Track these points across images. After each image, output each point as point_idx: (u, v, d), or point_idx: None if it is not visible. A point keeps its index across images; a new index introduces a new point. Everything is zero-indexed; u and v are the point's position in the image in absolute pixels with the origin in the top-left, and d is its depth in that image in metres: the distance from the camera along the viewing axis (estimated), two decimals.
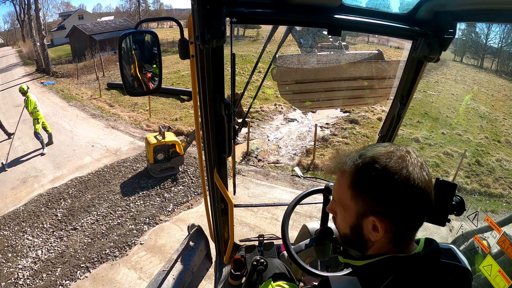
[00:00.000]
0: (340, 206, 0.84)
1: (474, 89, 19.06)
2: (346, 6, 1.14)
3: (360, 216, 0.78)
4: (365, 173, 0.75)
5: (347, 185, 0.78)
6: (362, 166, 0.75)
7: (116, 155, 8.25)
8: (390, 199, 0.73)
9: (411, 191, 0.72)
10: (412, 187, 0.72)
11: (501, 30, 26.98)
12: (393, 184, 0.72)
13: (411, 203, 0.73)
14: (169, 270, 1.95)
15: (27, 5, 22.30)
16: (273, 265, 1.55)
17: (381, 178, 0.73)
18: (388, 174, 0.72)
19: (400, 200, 0.73)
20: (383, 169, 0.73)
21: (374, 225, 0.76)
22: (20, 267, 4.72)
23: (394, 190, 0.72)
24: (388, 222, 0.74)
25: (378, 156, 0.75)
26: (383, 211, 0.74)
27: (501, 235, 1.92)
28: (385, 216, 0.74)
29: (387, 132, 1.73)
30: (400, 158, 0.74)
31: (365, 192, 0.75)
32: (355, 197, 0.77)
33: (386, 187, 0.73)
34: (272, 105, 12.60)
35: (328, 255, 1.57)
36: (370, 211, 0.76)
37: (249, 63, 18.82)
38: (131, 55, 1.26)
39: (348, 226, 0.83)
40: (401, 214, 0.74)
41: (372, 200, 0.75)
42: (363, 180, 0.75)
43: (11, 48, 36.64)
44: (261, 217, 5.70)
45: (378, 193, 0.74)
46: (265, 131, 10.55)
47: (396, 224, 0.75)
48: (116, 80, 16.34)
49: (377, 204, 0.74)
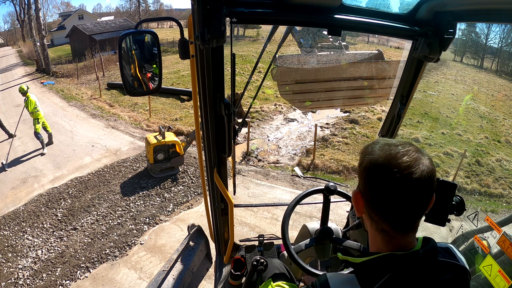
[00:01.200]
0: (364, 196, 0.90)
1: (474, 89, 19.05)
2: (346, 6, 1.14)
3: None
4: (368, 173, 0.81)
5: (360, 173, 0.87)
6: (365, 168, 0.81)
7: (116, 155, 8.25)
8: (381, 194, 0.77)
9: (400, 190, 0.75)
10: (402, 187, 0.75)
11: (501, 30, 26.98)
12: (388, 182, 0.75)
13: (399, 201, 0.76)
14: (169, 270, 1.95)
15: (27, 5, 22.29)
16: (273, 265, 1.55)
17: (380, 175, 0.77)
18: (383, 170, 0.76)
19: (389, 197, 0.76)
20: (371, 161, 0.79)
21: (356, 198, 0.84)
22: (20, 267, 4.72)
23: (386, 187, 0.76)
24: (362, 196, 0.82)
25: (376, 160, 0.78)
26: (363, 189, 0.82)
27: (501, 235, 1.92)
28: (362, 193, 0.82)
29: (387, 132, 1.73)
30: (406, 157, 0.77)
31: (367, 183, 0.81)
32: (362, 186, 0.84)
33: (377, 181, 0.77)
34: (272, 105, 12.60)
35: (328, 255, 1.57)
36: (358, 187, 0.84)
37: (249, 63, 18.82)
38: (131, 55, 1.26)
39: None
40: (390, 209, 0.78)
41: (367, 185, 0.80)
42: (367, 177, 0.81)
43: (11, 48, 36.63)
44: (261, 217, 5.70)
45: (373, 187, 0.79)
46: (265, 131, 10.54)
47: (393, 222, 0.78)
48: (116, 80, 16.34)
49: (371, 194, 0.79)
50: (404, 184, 0.73)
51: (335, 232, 1.55)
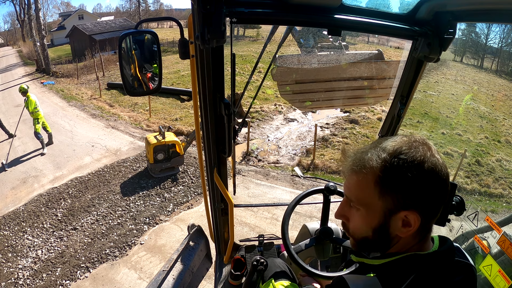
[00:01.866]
0: (360, 207, 0.79)
1: (474, 89, 19.05)
2: (346, 6, 1.14)
3: (389, 213, 0.74)
4: (394, 166, 0.71)
5: (372, 182, 0.74)
6: (390, 160, 0.72)
7: (116, 155, 8.25)
8: (420, 191, 0.71)
9: (437, 179, 0.72)
10: (438, 175, 0.72)
11: (501, 30, 26.98)
12: (422, 174, 0.71)
13: (437, 191, 0.73)
14: (169, 270, 1.95)
15: (27, 5, 22.30)
16: (274, 264, 1.55)
17: (411, 170, 0.70)
18: (417, 165, 0.71)
19: (428, 190, 0.72)
20: (412, 161, 0.71)
21: (404, 220, 0.74)
22: (20, 267, 4.72)
23: (423, 181, 0.71)
24: (419, 214, 0.73)
25: (402, 148, 0.73)
26: (414, 203, 0.72)
27: (501, 235, 1.92)
28: (416, 209, 0.72)
29: (387, 132, 1.73)
30: (423, 146, 0.73)
31: (395, 187, 0.72)
32: (384, 194, 0.73)
33: (416, 179, 0.70)
34: (272, 105, 12.60)
35: (328, 255, 1.57)
36: (401, 206, 0.73)
37: (249, 63, 18.82)
38: (131, 55, 1.26)
39: (370, 228, 0.78)
40: (429, 204, 0.73)
41: (403, 194, 0.72)
42: (392, 174, 0.72)
43: (11, 48, 36.62)
44: (261, 217, 5.70)
45: (409, 186, 0.71)
46: (265, 131, 10.54)
47: (424, 215, 0.74)
48: (116, 80, 16.34)
49: (409, 198, 0.72)
50: (442, 181, 0.73)
51: (335, 232, 1.55)
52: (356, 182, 0.77)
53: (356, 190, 0.78)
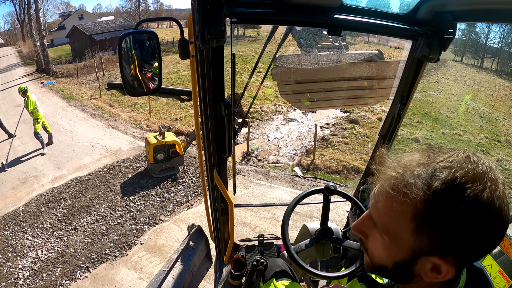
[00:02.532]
0: (386, 235, 0.63)
1: (474, 89, 19.06)
2: (346, 6, 1.14)
3: (419, 253, 0.59)
4: (445, 204, 0.54)
5: (411, 215, 0.57)
6: (442, 193, 0.54)
7: (116, 155, 8.25)
8: (470, 238, 0.54)
9: (496, 226, 0.55)
10: (498, 222, 0.55)
11: (501, 30, 27.02)
12: (479, 219, 0.53)
13: (490, 240, 0.56)
14: (169, 270, 1.95)
15: (27, 5, 22.30)
16: (275, 264, 1.55)
17: (467, 211, 0.52)
18: (478, 206, 0.52)
19: (481, 238, 0.55)
20: (473, 200, 0.52)
21: (435, 265, 0.58)
22: (20, 267, 4.72)
23: (478, 227, 0.53)
24: (457, 262, 0.58)
25: (464, 178, 0.54)
26: (455, 251, 0.56)
27: None
28: (455, 257, 0.56)
29: (387, 132, 1.73)
30: (493, 182, 0.55)
31: (439, 227, 0.55)
32: (421, 232, 0.57)
33: (469, 223, 0.53)
34: (272, 105, 12.60)
35: (328, 255, 1.57)
36: (437, 251, 0.57)
37: (249, 63, 18.81)
38: (131, 55, 1.26)
39: (391, 259, 0.64)
40: (474, 253, 0.57)
41: (445, 238, 0.55)
42: (441, 212, 0.54)
43: (11, 48, 36.63)
44: (261, 217, 5.70)
45: (459, 231, 0.54)
46: (265, 131, 10.54)
47: (461, 263, 0.58)
48: (116, 80, 16.34)
49: (451, 244, 0.55)
50: (500, 229, 0.57)
51: (335, 232, 1.55)
52: (389, 208, 0.60)
53: (386, 217, 0.62)
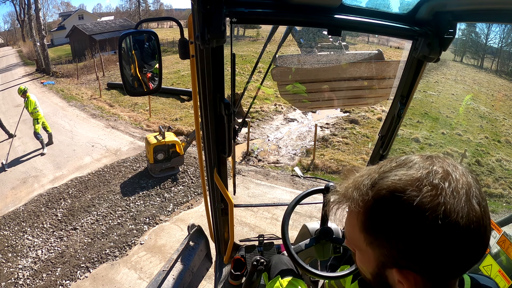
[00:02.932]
0: (355, 248, 0.63)
1: (474, 89, 19.05)
2: (346, 6, 1.14)
3: (382, 265, 0.58)
4: (381, 214, 0.53)
5: (358, 227, 0.57)
6: (376, 204, 0.53)
7: (116, 155, 8.25)
8: (421, 251, 0.51)
9: (454, 237, 0.50)
10: (454, 231, 0.50)
11: (501, 30, 27.02)
12: (423, 230, 0.50)
13: (454, 251, 0.51)
14: (169, 270, 1.95)
15: (27, 5, 22.32)
16: (281, 261, 1.55)
17: (405, 222, 0.50)
18: (415, 215, 0.50)
19: (436, 251, 0.51)
20: (407, 209, 0.50)
21: (399, 279, 0.56)
22: (20, 267, 4.72)
23: (426, 239, 0.50)
24: (419, 276, 0.54)
25: (401, 188, 0.52)
26: (411, 265, 0.53)
27: (501, 235, 1.92)
28: (414, 270, 0.54)
29: (387, 132, 1.73)
30: (434, 188, 0.51)
31: (383, 240, 0.54)
32: (371, 244, 0.56)
33: (413, 235, 0.50)
34: (272, 105, 12.60)
35: (328, 255, 1.57)
36: (392, 263, 0.55)
37: (249, 63, 18.81)
38: (131, 55, 1.26)
39: (368, 272, 0.63)
40: (438, 266, 0.52)
41: (394, 251, 0.53)
42: (378, 223, 0.53)
43: (11, 48, 36.63)
44: (261, 217, 5.70)
45: (402, 244, 0.52)
46: (265, 131, 10.54)
47: (431, 278, 0.54)
48: (116, 80, 16.34)
49: (402, 258, 0.53)
50: (466, 239, 0.53)
51: (335, 232, 1.55)
52: (347, 223, 0.61)
53: (347, 229, 0.62)
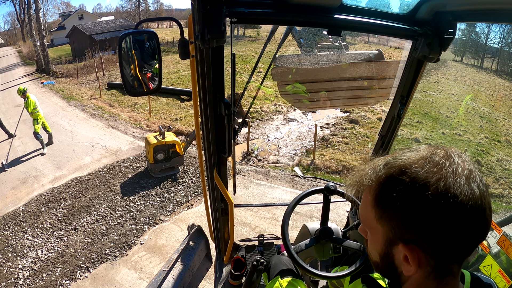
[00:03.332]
0: (366, 227, 0.68)
1: (474, 89, 19.05)
2: (346, 6, 1.14)
3: (389, 242, 0.62)
4: (390, 188, 0.58)
5: (370, 203, 0.63)
6: (386, 179, 0.59)
7: (116, 155, 8.25)
8: (423, 223, 0.56)
9: (453, 211, 0.55)
10: (453, 206, 0.54)
11: (501, 30, 27.00)
12: (425, 201, 0.55)
13: (453, 227, 0.55)
14: (169, 270, 1.95)
15: (27, 5, 22.30)
16: (280, 262, 1.55)
17: (409, 194, 0.56)
18: (418, 188, 0.55)
19: (437, 224, 0.55)
20: (411, 182, 0.56)
21: (405, 256, 0.60)
22: (20, 267, 4.72)
23: (427, 210, 0.55)
24: (423, 253, 0.58)
25: (408, 165, 0.58)
26: (415, 238, 0.58)
27: (501, 235, 1.92)
28: (418, 245, 0.58)
29: (387, 132, 1.73)
30: (436, 165, 0.57)
31: (391, 212, 0.59)
32: (380, 219, 0.61)
33: (416, 206, 0.56)
34: (272, 105, 12.60)
35: (328, 255, 1.57)
36: (399, 238, 0.59)
37: (249, 63, 18.81)
38: (131, 55, 1.26)
39: (377, 253, 0.67)
40: (440, 242, 0.57)
41: (400, 223, 0.58)
42: (387, 197, 0.59)
43: (11, 48, 36.62)
44: (261, 217, 5.70)
45: (407, 215, 0.57)
46: (265, 131, 10.54)
47: (434, 255, 0.58)
48: (116, 80, 16.34)
49: (407, 229, 0.58)
50: (467, 217, 0.58)
51: (335, 232, 1.54)
52: (362, 199, 0.67)
53: (361, 210, 0.68)
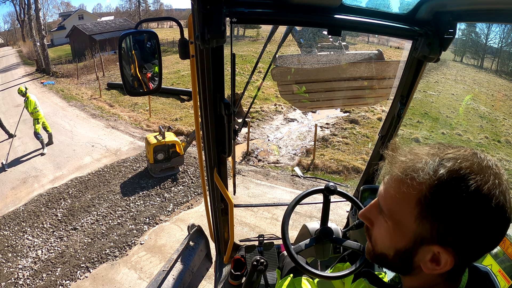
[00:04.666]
0: (390, 220, 0.65)
1: (474, 89, 19.06)
2: (346, 6, 1.14)
3: (420, 241, 0.61)
4: (449, 191, 0.56)
5: (416, 199, 0.59)
6: (447, 180, 0.56)
7: (116, 155, 8.25)
8: (472, 230, 0.56)
9: (499, 222, 0.56)
10: (502, 218, 0.56)
11: (501, 30, 27.03)
12: (483, 211, 0.54)
13: (490, 236, 0.57)
14: (169, 270, 1.95)
15: (27, 5, 22.29)
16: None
17: (470, 202, 0.54)
18: (481, 198, 0.54)
19: (483, 232, 0.56)
20: (476, 191, 0.54)
21: (435, 256, 0.60)
22: (20, 267, 4.72)
23: (481, 219, 0.55)
24: (456, 255, 0.59)
25: (469, 170, 0.56)
26: (456, 241, 0.57)
27: None
28: (455, 248, 0.58)
29: (387, 132, 1.73)
30: (498, 178, 0.56)
31: (441, 215, 0.57)
32: (423, 218, 0.59)
33: (473, 215, 0.55)
34: (272, 105, 12.60)
35: (328, 255, 1.57)
36: (438, 240, 0.58)
37: (249, 63, 18.82)
38: (131, 55, 1.26)
39: (393, 247, 0.66)
40: (474, 247, 0.58)
41: (447, 227, 0.57)
42: (444, 199, 0.56)
43: (11, 48, 36.64)
44: (261, 217, 5.70)
45: (459, 220, 0.55)
46: (265, 131, 10.55)
47: (463, 258, 0.59)
48: (116, 80, 16.34)
49: (452, 233, 0.57)
50: (500, 227, 0.59)
51: (335, 232, 1.54)
52: (396, 192, 0.63)
53: (392, 202, 0.64)
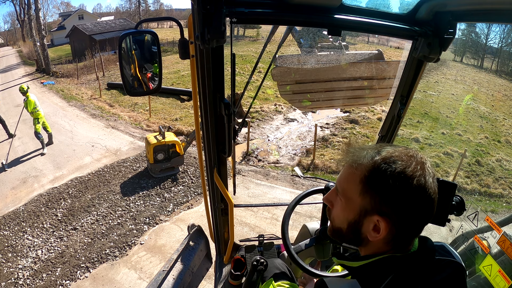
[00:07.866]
0: (343, 197, 0.82)
1: (474, 89, 19.06)
2: (346, 6, 1.14)
3: (364, 213, 0.77)
4: (382, 171, 0.74)
5: (359, 178, 0.77)
6: (381, 163, 0.74)
7: (116, 155, 8.25)
8: (401, 202, 0.73)
9: (423, 199, 0.73)
10: (424, 196, 0.73)
11: (501, 30, 27.00)
12: (407, 188, 0.72)
13: (420, 210, 0.74)
14: (169, 270, 1.95)
15: (27, 5, 22.30)
16: (274, 265, 1.55)
17: (397, 179, 0.72)
18: (405, 177, 0.72)
19: (410, 205, 0.73)
20: (401, 172, 0.72)
21: (376, 225, 0.76)
22: (20, 267, 4.72)
23: (407, 194, 0.72)
24: (391, 224, 0.74)
25: (398, 158, 0.74)
26: (389, 212, 0.74)
27: (501, 235, 1.92)
28: (390, 218, 0.74)
29: (387, 132, 1.73)
30: (419, 165, 0.74)
31: (377, 190, 0.74)
32: (365, 193, 0.76)
33: (400, 190, 0.72)
34: (272, 105, 12.60)
35: (328, 255, 1.57)
36: (376, 210, 0.75)
37: (249, 63, 18.82)
38: (131, 55, 1.26)
39: (346, 220, 0.82)
40: (406, 218, 0.74)
41: (382, 199, 0.74)
42: (378, 177, 0.74)
43: (11, 48, 36.63)
44: (261, 217, 5.70)
45: (390, 194, 0.73)
46: (265, 131, 10.54)
47: (398, 227, 0.75)
48: (116, 80, 16.34)
49: (386, 205, 0.74)
50: (425, 204, 0.75)
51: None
52: (347, 175, 0.81)
53: (344, 182, 0.82)
